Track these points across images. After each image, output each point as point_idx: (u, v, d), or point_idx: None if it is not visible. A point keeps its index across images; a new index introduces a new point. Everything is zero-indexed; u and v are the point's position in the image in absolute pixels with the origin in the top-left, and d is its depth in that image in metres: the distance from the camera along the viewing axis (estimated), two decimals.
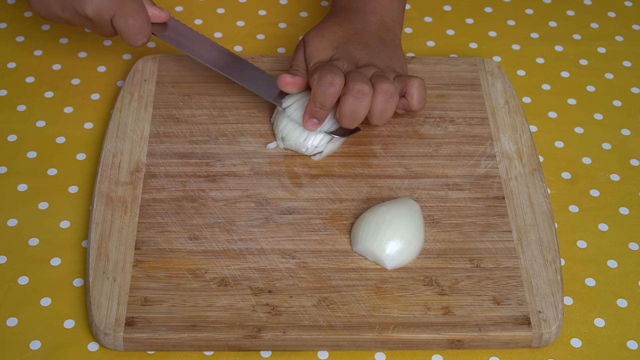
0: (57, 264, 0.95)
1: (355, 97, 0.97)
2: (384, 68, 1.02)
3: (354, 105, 0.98)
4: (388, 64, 1.03)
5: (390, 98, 0.99)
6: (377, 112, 0.99)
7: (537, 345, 0.90)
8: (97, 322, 0.88)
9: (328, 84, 0.97)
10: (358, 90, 0.97)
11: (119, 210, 0.96)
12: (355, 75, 0.99)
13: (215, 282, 0.91)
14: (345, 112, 0.98)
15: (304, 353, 0.90)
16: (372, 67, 1.01)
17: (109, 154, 1.01)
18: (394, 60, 1.04)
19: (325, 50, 1.03)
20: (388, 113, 1.00)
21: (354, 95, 0.97)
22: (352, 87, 0.97)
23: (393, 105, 0.99)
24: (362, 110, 0.98)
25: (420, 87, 1.01)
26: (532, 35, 1.19)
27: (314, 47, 1.03)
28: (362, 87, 0.97)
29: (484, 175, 1.01)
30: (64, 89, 1.10)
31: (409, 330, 0.89)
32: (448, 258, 0.94)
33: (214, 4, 1.20)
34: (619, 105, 1.11)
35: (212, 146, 1.02)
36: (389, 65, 1.03)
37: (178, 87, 1.08)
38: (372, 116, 1.00)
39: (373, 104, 0.99)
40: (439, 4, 1.22)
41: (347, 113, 0.98)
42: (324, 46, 1.04)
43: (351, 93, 0.97)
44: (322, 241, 0.95)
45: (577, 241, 0.98)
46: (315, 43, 1.04)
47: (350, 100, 0.97)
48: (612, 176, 1.04)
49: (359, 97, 0.97)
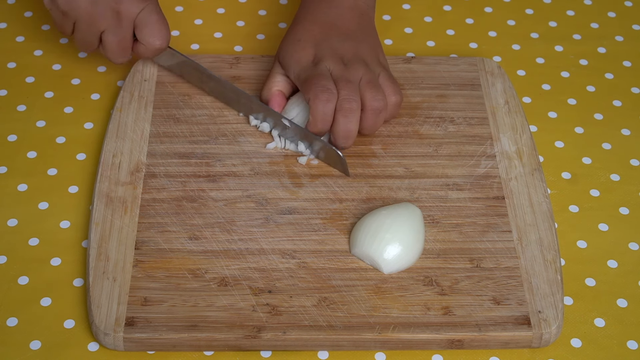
0: (57, 264, 0.95)
1: (345, 117, 0.98)
2: (371, 61, 1.02)
3: (345, 125, 0.98)
4: (373, 54, 1.03)
5: (380, 113, 1.00)
6: (367, 127, 1.01)
7: (537, 345, 0.90)
8: (97, 322, 0.88)
9: (325, 101, 0.98)
10: (347, 109, 0.98)
11: (119, 210, 0.96)
12: (343, 87, 0.98)
13: (215, 282, 0.91)
14: (338, 132, 0.99)
15: (304, 353, 0.90)
16: (360, 64, 1.01)
17: (109, 154, 1.01)
18: (376, 48, 1.04)
19: (306, 52, 1.02)
20: (377, 125, 1.01)
21: (343, 115, 0.98)
22: (341, 106, 0.98)
23: (382, 119, 1.01)
24: (354, 127, 0.99)
25: (397, 104, 1.02)
26: (532, 35, 1.18)
27: (294, 58, 1.02)
28: (350, 105, 0.98)
29: (484, 175, 1.01)
30: (64, 89, 1.10)
31: (409, 330, 0.89)
32: (448, 258, 0.94)
33: (214, 4, 1.20)
34: (619, 105, 1.11)
35: (212, 146, 1.02)
36: (375, 56, 1.03)
37: (178, 87, 1.08)
38: (363, 130, 1.01)
39: (363, 120, 1.00)
40: (439, 4, 1.22)
41: (341, 133, 0.99)
42: (303, 49, 1.03)
43: (340, 112, 0.98)
44: (322, 241, 0.95)
45: (577, 241, 0.98)
46: (291, 52, 1.03)
47: (341, 120, 0.98)
48: (612, 176, 1.04)
49: (348, 116, 0.98)
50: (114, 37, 1.02)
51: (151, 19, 1.02)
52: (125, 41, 1.03)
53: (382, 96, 0.99)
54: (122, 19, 1.01)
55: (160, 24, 1.03)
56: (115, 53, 1.04)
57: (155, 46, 1.03)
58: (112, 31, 1.02)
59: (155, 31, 1.03)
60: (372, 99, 0.99)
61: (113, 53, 1.03)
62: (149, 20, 1.02)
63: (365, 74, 1.00)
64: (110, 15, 1.01)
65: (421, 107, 1.07)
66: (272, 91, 1.04)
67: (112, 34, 1.02)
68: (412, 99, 1.08)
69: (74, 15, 1.01)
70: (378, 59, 1.03)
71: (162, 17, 1.03)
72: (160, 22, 1.03)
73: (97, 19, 1.01)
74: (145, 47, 1.04)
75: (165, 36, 1.04)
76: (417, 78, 1.09)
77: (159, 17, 1.03)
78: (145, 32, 1.03)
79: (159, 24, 1.03)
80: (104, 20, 1.01)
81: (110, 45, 1.03)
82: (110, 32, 1.02)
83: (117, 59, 1.04)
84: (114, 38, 1.02)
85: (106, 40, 1.03)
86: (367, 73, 1.01)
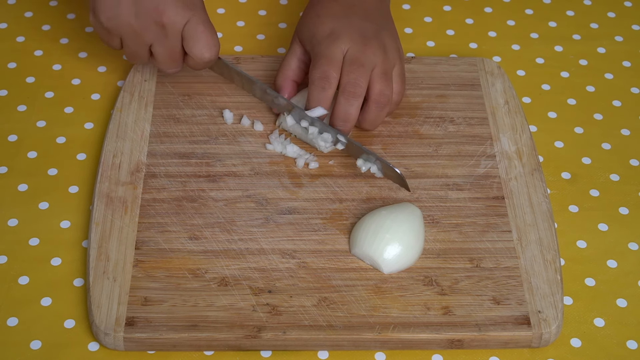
0: (58, 264, 0.95)
1: (346, 99, 0.98)
2: (390, 49, 1.01)
3: (345, 107, 0.98)
4: (393, 42, 1.02)
5: (384, 107, 0.99)
6: (369, 120, 1.00)
7: (537, 345, 0.90)
8: (98, 322, 0.88)
9: (321, 89, 0.98)
10: (350, 92, 0.98)
11: (119, 210, 0.96)
12: (353, 71, 0.98)
13: (216, 282, 0.91)
14: (337, 113, 0.99)
15: (304, 353, 0.90)
16: (380, 50, 0.99)
17: (109, 154, 1.01)
18: (397, 36, 1.03)
19: (324, 27, 1.01)
20: (379, 120, 1.01)
21: (345, 97, 0.98)
22: (344, 89, 0.98)
23: (385, 114, 1.01)
24: (354, 111, 0.98)
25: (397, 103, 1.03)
26: (532, 35, 1.19)
27: (311, 32, 1.01)
28: (354, 90, 0.98)
29: (484, 175, 1.01)
30: (64, 89, 1.10)
31: (409, 330, 0.89)
32: (448, 258, 0.94)
33: (214, 4, 1.20)
34: (619, 105, 1.11)
35: (212, 146, 1.03)
36: (395, 45, 1.02)
37: (178, 87, 1.08)
38: (364, 121, 1.01)
39: (366, 111, 0.99)
40: (439, 4, 1.22)
41: (340, 114, 0.99)
42: (322, 23, 1.01)
43: (343, 94, 0.98)
44: (322, 241, 0.95)
45: (577, 241, 0.98)
46: (309, 27, 1.01)
47: (342, 101, 0.98)
48: (612, 176, 1.04)
49: (350, 99, 0.98)
50: (163, 49, 0.99)
51: (197, 30, 0.98)
52: (175, 53, 0.99)
53: (390, 91, 0.99)
54: (168, 31, 0.97)
55: (207, 35, 0.98)
56: (167, 65, 1.01)
57: (204, 59, 0.99)
58: (160, 43, 0.98)
59: (202, 43, 0.98)
60: (380, 93, 0.99)
61: (164, 64, 1.01)
62: (195, 32, 0.98)
63: (382, 63, 1.00)
64: (155, 29, 0.97)
65: (421, 107, 1.07)
66: (285, 81, 1.03)
67: (161, 46, 0.99)
68: (412, 99, 1.08)
69: (118, 32, 0.98)
70: (398, 49, 1.02)
71: (210, 27, 0.99)
72: (206, 33, 0.98)
73: (142, 33, 0.98)
74: (193, 59, 1.00)
75: (213, 48, 0.99)
76: (417, 78, 1.10)
77: (206, 27, 0.98)
78: (192, 44, 0.99)
79: (206, 35, 0.98)
80: (149, 33, 0.98)
81: (160, 57, 1.00)
82: (159, 44, 0.99)
83: (169, 69, 1.01)
84: (163, 50, 0.99)
85: (156, 53, 0.99)
86: (384, 62, 1.00)
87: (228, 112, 1.04)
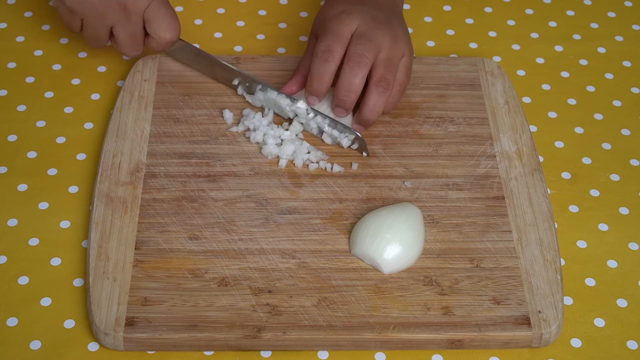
0: (57, 264, 0.95)
1: (351, 68, 0.98)
2: (402, 39, 1.01)
3: (349, 76, 0.98)
4: (406, 35, 1.02)
5: (384, 93, 0.99)
6: (369, 105, 0.99)
7: (537, 345, 0.90)
8: (97, 322, 0.88)
9: (324, 61, 0.98)
10: (355, 62, 0.97)
11: (119, 210, 0.96)
12: (360, 42, 0.97)
13: (215, 282, 0.91)
14: (341, 83, 0.98)
15: (304, 353, 0.90)
16: (390, 35, 0.99)
17: (109, 154, 1.01)
18: (407, 32, 1.03)
19: (335, 9, 1.01)
20: (378, 108, 1.00)
21: (350, 66, 0.98)
22: (349, 58, 0.97)
23: (384, 102, 1.00)
24: (359, 82, 0.98)
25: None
26: (532, 35, 1.19)
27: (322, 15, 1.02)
28: (360, 59, 0.97)
29: (484, 175, 1.01)
30: (64, 89, 1.10)
31: (409, 330, 0.89)
32: (448, 258, 0.94)
33: (214, 4, 1.20)
34: (619, 105, 1.11)
35: (212, 146, 1.03)
36: (407, 38, 1.02)
37: (178, 87, 1.08)
38: (363, 107, 1.00)
39: (365, 95, 0.99)
40: (439, 4, 1.22)
41: (344, 84, 0.98)
42: (334, 6, 1.02)
43: (348, 63, 0.98)
44: (322, 241, 0.95)
45: (577, 241, 0.98)
46: (321, 12, 1.02)
47: (347, 70, 0.98)
48: (612, 176, 1.04)
49: (355, 69, 0.98)
50: (124, 31, 1.02)
51: (160, 12, 1.02)
52: (136, 35, 1.03)
53: (392, 78, 0.99)
54: (131, 13, 1.01)
55: (169, 16, 1.03)
56: (128, 47, 1.04)
57: (166, 39, 1.03)
58: (122, 25, 1.02)
59: (165, 24, 1.03)
60: (381, 77, 0.98)
61: (125, 47, 1.04)
62: (157, 13, 1.02)
63: (390, 48, 0.99)
64: (119, 10, 1.00)
65: (421, 107, 1.07)
66: (296, 76, 1.04)
67: (123, 29, 1.02)
68: (412, 99, 1.08)
69: (81, 11, 1.01)
70: (408, 41, 1.02)
71: (171, 10, 1.03)
72: (168, 15, 1.02)
73: (105, 14, 1.01)
74: (156, 40, 1.04)
75: (175, 29, 1.03)
76: (417, 78, 1.09)
77: (167, 9, 1.02)
78: (155, 26, 1.02)
79: (168, 16, 1.02)
80: (113, 14, 1.01)
81: (122, 39, 1.03)
82: (121, 26, 1.02)
83: (130, 52, 1.05)
84: (124, 32, 1.02)
85: (118, 35, 1.02)
86: (392, 48, 1.00)
87: (228, 112, 1.04)
